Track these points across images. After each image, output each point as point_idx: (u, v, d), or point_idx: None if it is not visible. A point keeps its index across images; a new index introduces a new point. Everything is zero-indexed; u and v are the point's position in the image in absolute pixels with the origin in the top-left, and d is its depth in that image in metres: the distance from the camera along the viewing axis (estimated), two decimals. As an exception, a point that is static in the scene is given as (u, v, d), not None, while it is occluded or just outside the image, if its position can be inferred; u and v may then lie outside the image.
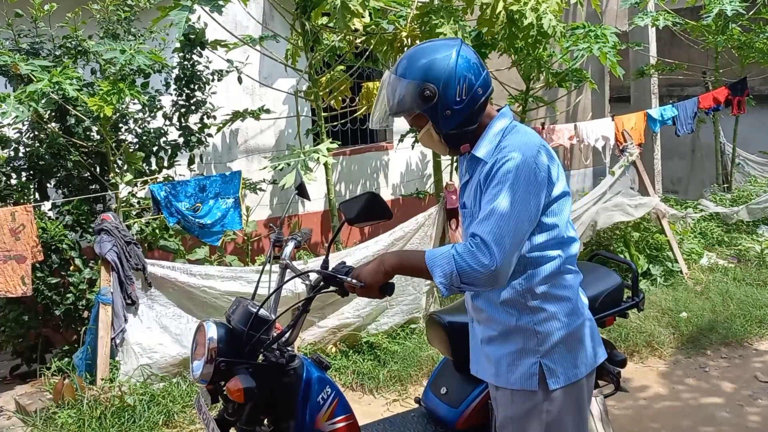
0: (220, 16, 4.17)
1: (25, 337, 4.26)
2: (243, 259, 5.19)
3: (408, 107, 1.95)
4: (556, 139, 5.82)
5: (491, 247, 1.76)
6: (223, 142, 5.83)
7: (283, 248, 2.40)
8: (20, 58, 3.84)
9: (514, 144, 1.89)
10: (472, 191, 1.98)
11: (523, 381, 1.94)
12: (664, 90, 9.29)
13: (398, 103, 1.96)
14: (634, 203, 5.65)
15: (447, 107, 1.94)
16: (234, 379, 1.96)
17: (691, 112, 6.77)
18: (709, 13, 6.38)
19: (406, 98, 1.94)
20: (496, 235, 1.77)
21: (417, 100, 1.93)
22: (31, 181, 4.41)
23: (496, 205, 1.80)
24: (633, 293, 2.95)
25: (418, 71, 1.93)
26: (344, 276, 1.94)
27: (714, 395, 3.99)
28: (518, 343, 1.95)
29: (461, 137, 1.99)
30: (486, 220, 1.80)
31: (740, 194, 7.56)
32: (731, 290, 5.34)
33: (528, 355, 1.94)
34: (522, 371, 1.94)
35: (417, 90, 1.92)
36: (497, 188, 1.83)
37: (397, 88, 1.96)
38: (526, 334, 1.94)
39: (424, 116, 1.96)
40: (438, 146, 2.05)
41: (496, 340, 2.00)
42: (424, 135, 2.02)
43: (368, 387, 4.06)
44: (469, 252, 1.77)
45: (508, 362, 1.96)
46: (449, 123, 1.96)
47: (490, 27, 4.94)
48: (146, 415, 3.49)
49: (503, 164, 1.84)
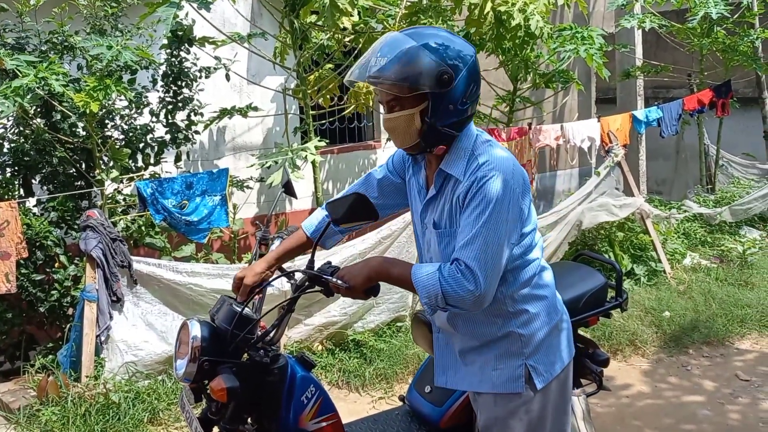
0: (208, 12, 4.17)
1: (8, 334, 4.22)
2: (229, 256, 5.18)
3: (417, 81, 1.80)
4: (543, 139, 5.86)
5: (476, 273, 1.74)
6: (211, 140, 5.81)
7: (269, 246, 2.38)
8: (5, 53, 3.81)
9: (490, 162, 1.83)
10: (445, 210, 1.90)
11: (509, 384, 1.94)
12: (650, 92, 9.38)
13: (409, 71, 1.79)
14: (618, 203, 5.71)
15: (453, 101, 1.84)
16: (217, 379, 1.95)
17: (676, 114, 6.84)
18: (694, 16, 6.45)
19: (422, 71, 1.79)
20: (481, 261, 1.75)
21: (432, 79, 1.80)
22: (16, 177, 4.37)
23: (480, 230, 1.76)
24: (617, 293, 2.97)
25: (443, 51, 1.82)
26: (329, 276, 1.92)
27: (696, 393, 4.05)
28: (502, 347, 1.95)
29: (443, 137, 1.89)
30: (470, 245, 1.76)
31: (723, 195, 7.65)
32: (713, 290, 5.40)
33: (513, 357, 1.94)
34: (507, 374, 1.94)
35: (437, 69, 1.80)
36: (479, 210, 1.78)
37: (415, 56, 1.80)
38: (510, 338, 1.94)
39: (420, 100, 1.83)
40: (407, 135, 1.89)
41: (478, 348, 1.99)
42: (402, 117, 1.86)
43: (354, 385, 4.07)
44: (455, 278, 1.75)
45: (492, 367, 1.95)
46: (446, 117, 1.85)
47: (478, 27, 4.97)
48: (131, 412, 3.47)
49: (484, 184, 1.79)
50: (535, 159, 5.95)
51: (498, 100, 6.76)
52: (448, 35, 1.89)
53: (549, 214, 5.52)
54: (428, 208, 1.99)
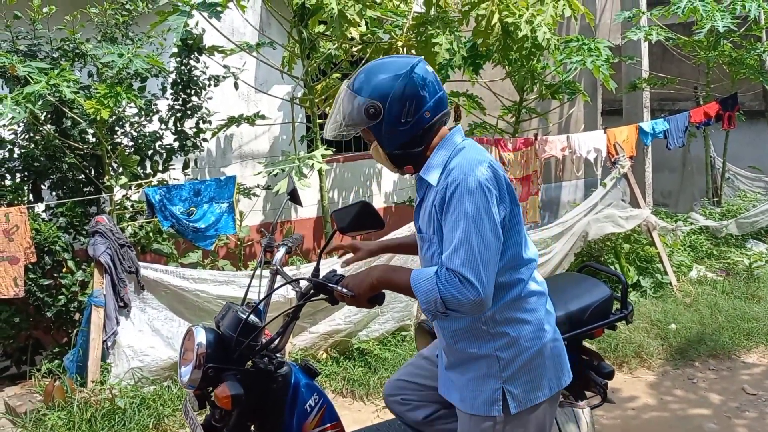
0: (218, 22, 4.20)
1: (15, 338, 4.24)
2: (235, 263, 5.19)
3: (355, 122, 1.95)
4: (549, 150, 5.87)
5: (471, 280, 1.74)
6: (218, 147, 5.85)
7: (274, 254, 2.39)
8: (18, 60, 3.85)
9: (459, 165, 1.86)
10: (426, 216, 1.95)
11: (486, 407, 1.93)
12: (656, 104, 9.39)
13: (347, 116, 1.96)
14: (625, 215, 5.70)
15: (391, 127, 1.92)
16: (222, 386, 1.95)
17: (682, 126, 6.85)
18: (701, 29, 6.47)
19: (354, 113, 1.94)
20: (472, 266, 1.75)
21: (362, 116, 1.92)
22: (26, 183, 4.41)
23: (462, 236, 1.77)
24: (622, 305, 2.96)
25: (368, 87, 1.92)
26: (334, 285, 1.93)
27: (702, 407, 4.02)
28: (481, 369, 1.95)
29: (405, 158, 1.97)
30: (456, 252, 1.76)
31: (730, 208, 7.63)
32: (720, 303, 5.38)
33: (490, 380, 1.93)
34: (485, 397, 1.93)
35: (363, 106, 1.91)
36: (454, 215, 1.80)
37: (349, 101, 1.95)
38: (489, 360, 1.93)
39: (370, 133, 1.97)
40: (386, 163, 2.03)
41: (458, 366, 2.00)
42: (373, 150, 2.02)
43: (358, 393, 4.06)
44: (451, 282, 1.75)
45: (471, 388, 1.96)
46: (392, 143, 1.95)
47: (485, 38, 4.99)
48: (136, 418, 3.48)
49: (454, 190, 1.82)
50: (541, 169, 5.96)
51: (504, 111, 6.78)
52: (376, 64, 1.98)
53: (555, 225, 5.53)
54: (418, 214, 2.04)
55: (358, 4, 4.45)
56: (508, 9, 4.85)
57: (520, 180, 5.67)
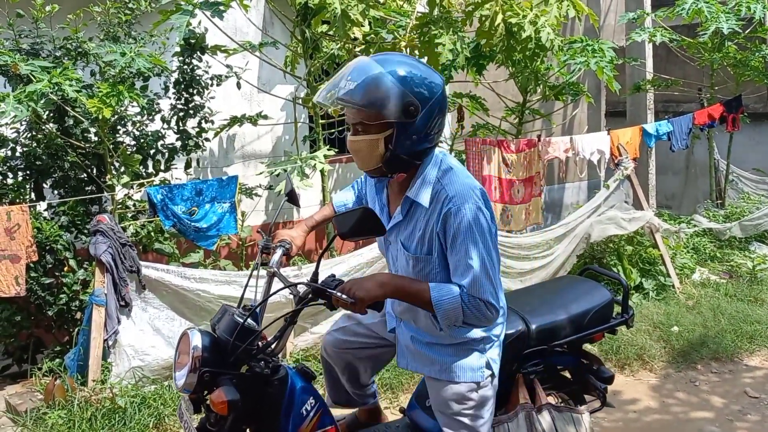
0: (220, 21, 4.19)
1: (16, 337, 4.24)
2: (237, 263, 5.19)
3: (383, 109, 1.84)
4: (552, 151, 5.85)
5: (494, 305, 1.96)
6: (220, 147, 5.84)
7: (271, 255, 2.37)
8: (20, 59, 3.85)
9: (458, 193, 1.92)
10: (416, 237, 2.00)
11: (473, 374, 2.15)
12: (660, 105, 9.36)
13: (376, 99, 1.83)
14: (628, 217, 5.69)
15: (417, 132, 1.89)
16: (218, 391, 1.92)
17: (686, 128, 6.83)
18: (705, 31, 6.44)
19: (389, 101, 1.83)
20: (492, 293, 1.95)
21: (398, 109, 1.84)
22: (28, 181, 4.41)
23: (479, 266, 1.91)
24: (623, 310, 2.94)
25: (411, 81, 1.85)
26: (333, 290, 1.92)
27: (704, 410, 4.01)
28: (472, 345, 2.16)
29: (404, 165, 1.95)
30: (477, 282, 1.91)
31: (733, 211, 7.61)
32: (723, 305, 5.36)
33: (477, 353, 2.17)
34: (469, 366, 2.15)
35: (404, 99, 1.83)
36: (465, 245, 1.90)
37: (383, 84, 1.83)
38: (475, 336, 2.15)
39: (384, 127, 1.88)
40: (370, 159, 1.94)
41: (447, 346, 2.17)
42: (366, 141, 1.91)
43: (359, 394, 4.05)
44: (477, 307, 1.93)
45: (459, 360, 2.15)
46: (408, 147, 1.91)
47: (489, 39, 4.98)
48: (137, 417, 3.48)
49: (462, 219, 1.89)
50: (544, 171, 5.94)
51: (507, 112, 6.76)
52: (417, 63, 1.93)
53: (557, 227, 5.51)
54: (394, 229, 2.09)
55: (361, 3, 4.44)
56: (511, 9, 4.83)
57: (522, 181, 5.66)
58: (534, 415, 2.61)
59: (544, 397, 2.69)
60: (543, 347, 2.64)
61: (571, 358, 2.91)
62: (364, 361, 2.59)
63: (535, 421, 2.59)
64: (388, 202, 2.14)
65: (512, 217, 5.62)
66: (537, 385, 2.69)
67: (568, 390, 2.91)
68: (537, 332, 2.61)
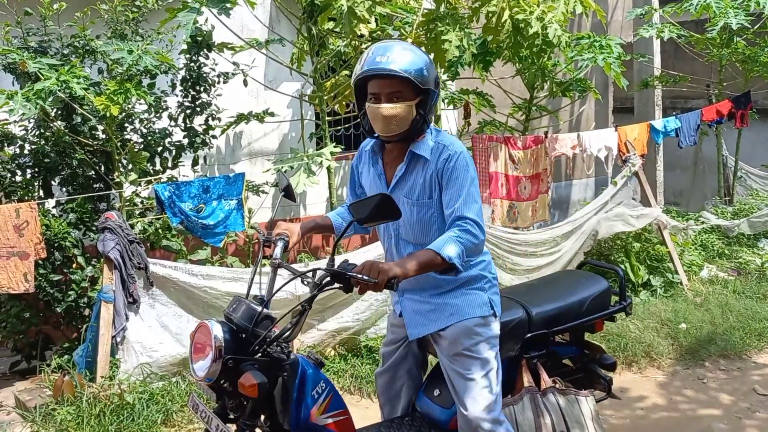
0: (227, 18, 4.20)
1: (25, 333, 4.27)
2: (244, 260, 5.20)
3: (426, 78, 2.25)
4: (559, 148, 5.83)
5: (479, 223, 2.26)
6: (227, 144, 5.86)
7: (272, 248, 2.42)
8: (28, 56, 3.87)
9: (453, 143, 2.36)
10: (419, 185, 2.35)
11: (478, 310, 2.40)
12: (668, 102, 9.32)
13: (423, 70, 2.24)
14: (635, 214, 5.67)
15: (434, 101, 2.36)
16: (246, 375, 2.00)
17: (694, 125, 6.79)
18: (714, 27, 6.41)
19: (430, 72, 2.26)
20: (477, 214, 2.27)
21: (433, 79, 2.29)
22: (36, 179, 4.43)
23: (468, 191, 2.28)
24: (621, 298, 3.05)
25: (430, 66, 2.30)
26: (352, 273, 2.00)
27: (712, 407, 3.99)
28: (475, 284, 2.42)
29: (422, 128, 2.35)
30: (466, 203, 2.26)
31: (742, 207, 7.57)
32: (731, 303, 5.34)
33: (480, 292, 2.43)
34: (477, 303, 2.41)
35: (435, 74, 2.31)
36: (461, 178, 2.28)
37: (424, 61, 2.27)
38: (477, 277, 2.42)
39: (416, 95, 2.27)
40: (403, 122, 2.29)
41: (450, 291, 2.41)
42: (404, 107, 2.26)
43: (366, 391, 4.06)
44: (466, 231, 2.23)
45: (462, 301, 2.40)
46: (429, 112, 2.35)
47: (496, 35, 4.96)
48: (145, 413, 3.49)
49: (457, 159, 2.30)
50: (551, 168, 5.92)
51: (514, 109, 6.74)
52: None
53: (565, 223, 5.50)
54: (396, 187, 2.40)
55: (367, 0, 4.43)
56: (518, 6, 4.81)
57: (529, 178, 5.65)
58: (539, 398, 2.67)
59: (548, 381, 2.74)
60: (544, 331, 2.76)
61: (573, 348, 3.00)
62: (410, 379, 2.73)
63: (539, 403, 2.65)
64: (384, 171, 2.47)
65: (519, 214, 5.61)
66: (541, 369, 2.78)
67: (572, 379, 2.96)
68: (537, 318, 2.74)
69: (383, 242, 2.56)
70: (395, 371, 2.70)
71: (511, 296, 2.87)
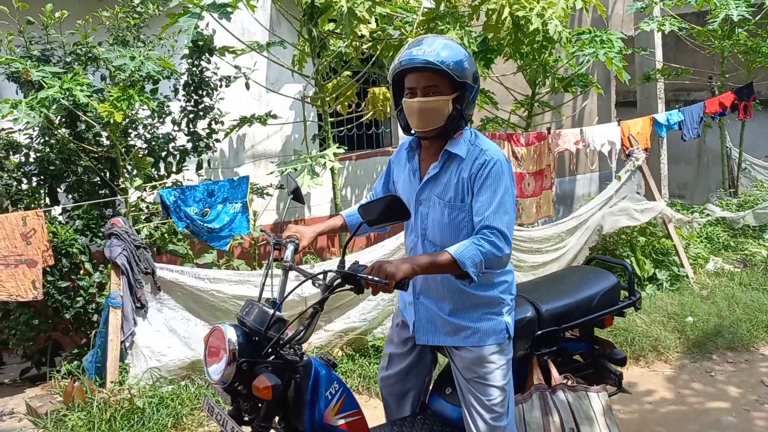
0: (228, 22, 4.21)
1: (34, 340, 4.30)
2: (250, 263, 5.22)
3: (464, 73, 2.20)
4: (562, 143, 5.83)
5: (507, 235, 2.18)
6: (231, 148, 5.88)
7: (283, 251, 2.43)
8: (31, 65, 3.89)
9: (491, 148, 2.28)
10: (452, 185, 2.28)
11: (494, 337, 2.34)
12: (670, 95, 9.29)
13: (461, 64, 2.19)
14: (640, 208, 5.66)
15: (474, 97, 2.30)
16: (261, 377, 2.02)
17: (697, 117, 6.78)
18: (715, 18, 6.39)
19: (467, 66, 2.21)
20: (507, 225, 2.19)
21: (471, 73, 2.24)
22: (42, 186, 4.45)
23: (500, 201, 2.19)
24: (630, 293, 3.04)
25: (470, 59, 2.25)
26: (362, 274, 2.01)
27: (720, 400, 3.99)
28: (490, 308, 2.35)
29: (459, 124, 2.29)
30: (496, 213, 2.18)
31: (747, 199, 7.55)
32: (737, 295, 5.33)
33: (496, 316, 2.36)
34: (492, 329, 2.34)
35: (473, 68, 2.26)
36: (494, 186, 2.21)
37: (463, 55, 2.21)
38: (497, 301, 2.36)
39: (453, 90, 2.21)
40: (439, 117, 2.23)
41: (466, 310, 2.34)
42: (440, 101, 2.21)
43: (374, 390, 4.07)
44: (490, 242, 2.15)
45: (479, 325, 2.34)
46: (468, 108, 2.29)
47: (496, 33, 4.97)
48: (155, 417, 3.51)
49: (493, 165, 2.22)
50: (554, 163, 5.93)
51: (516, 105, 6.74)
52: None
53: (569, 219, 5.50)
54: (428, 185, 2.35)
55: (367, 1, 4.44)
56: (518, 2, 4.82)
57: (533, 174, 5.65)
58: (548, 395, 2.67)
59: (558, 378, 2.74)
60: (554, 328, 2.75)
61: (583, 344, 3.00)
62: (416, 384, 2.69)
63: (549, 401, 2.65)
64: (420, 168, 2.40)
65: (523, 210, 5.61)
66: (551, 366, 2.76)
67: (583, 375, 2.96)
68: (547, 315, 2.73)
69: (407, 240, 2.51)
70: (406, 375, 2.64)
71: (520, 294, 2.85)
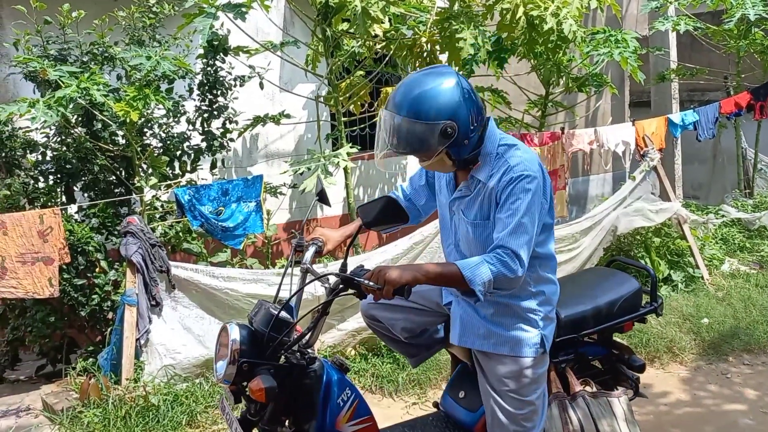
0: (242, 22, 4.23)
1: (50, 337, 4.34)
2: (263, 261, 5.24)
3: (432, 148, 2.05)
4: (576, 143, 5.80)
5: (521, 256, 2.06)
6: (244, 147, 5.90)
7: (303, 253, 2.43)
8: (48, 64, 3.93)
9: (521, 163, 2.11)
10: (476, 206, 2.19)
11: (528, 350, 2.26)
12: (685, 95, 9.22)
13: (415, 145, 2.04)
14: (654, 208, 5.62)
15: (465, 137, 2.08)
16: (256, 379, 2.01)
17: (713, 117, 6.71)
18: (731, 18, 6.33)
19: (429, 140, 2.03)
20: (523, 247, 2.06)
21: (440, 139, 2.03)
22: (59, 185, 4.49)
23: (519, 221, 2.06)
24: (651, 298, 2.96)
25: (433, 111, 2.01)
26: (361, 278, 1.99)
27: (737, 402, 3.96)
28: (526, 321, 2.28)
29: (473, 158, 2.16)
30: (513, 233, 2.06)
31: (762, 200, 7.47)
32: (753, 296, 5.28)
33: (532, 329, 2.28)
34: (528, 342, 2.27)
35: (439, 131, 2.02)
36: (516, 206, 2.08)
37: (411, 130, 2.02)
38: (531, 313, 2.28)
39: (442, 141, 2.05)
40: (445, 169, 2.21)
41: (503, 317, 2.28)
42: (434, 163, 2.12)
43: (387, 390, 4.07)
44: (502, 262, 2.05)
45: (516, 335, 2.27)
46: (467, 149, 2.12)
47: (510, 32, 4.95)
48: (170, 414, 3.54)
49: (519, 182, 2.08)
50: (568, 164, 5.89)
51: (530, 105, 6.72)
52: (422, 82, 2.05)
53: (583, 219, 5.47)
54: (456, 200, 2.29)
55: (381, 1, 4.44)
56: (533, 2, 4.80)
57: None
58: (567, 404, 2.62)
59: (577, 385, 2.69)
60: (573, 336, 2.66)
61: (601, 348, 2.93)
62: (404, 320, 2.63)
63: (568, 409, 2.60)
64: (456, 176, 2.32)
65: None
66: (570, 373, 2.70)
67: (600, 380, 2.92)
68: (566, 322, 2.63)
69: (444, 244, 2.48)
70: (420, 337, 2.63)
71: None
